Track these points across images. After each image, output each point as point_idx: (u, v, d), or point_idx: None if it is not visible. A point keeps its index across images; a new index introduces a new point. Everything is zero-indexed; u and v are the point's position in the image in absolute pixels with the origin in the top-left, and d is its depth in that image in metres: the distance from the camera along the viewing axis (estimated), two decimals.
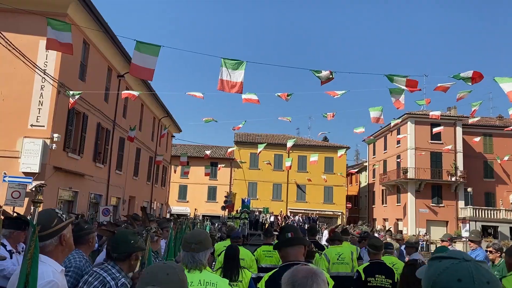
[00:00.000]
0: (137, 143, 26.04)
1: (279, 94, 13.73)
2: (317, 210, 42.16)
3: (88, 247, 3.80)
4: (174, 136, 38.99)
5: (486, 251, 6.33)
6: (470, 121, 19.22)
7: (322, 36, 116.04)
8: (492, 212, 34.54)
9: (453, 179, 36.59)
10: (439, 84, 12.30)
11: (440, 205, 36.92)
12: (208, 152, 31.14)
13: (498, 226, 33.46)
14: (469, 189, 35.92)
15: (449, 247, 8.81)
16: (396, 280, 4.85)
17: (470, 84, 11.86)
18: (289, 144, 23.81)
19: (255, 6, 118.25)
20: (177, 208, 43.03)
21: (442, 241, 8.80)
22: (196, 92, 14.10)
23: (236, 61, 10.73)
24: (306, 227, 20.01)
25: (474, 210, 34.52)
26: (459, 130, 37.16)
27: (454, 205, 36.75)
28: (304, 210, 41.30)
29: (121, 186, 23.73)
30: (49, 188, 15.24)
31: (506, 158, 32.61)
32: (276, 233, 10.84)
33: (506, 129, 23.17)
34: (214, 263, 6.00)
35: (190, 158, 39.89)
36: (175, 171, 38.06)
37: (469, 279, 1.10)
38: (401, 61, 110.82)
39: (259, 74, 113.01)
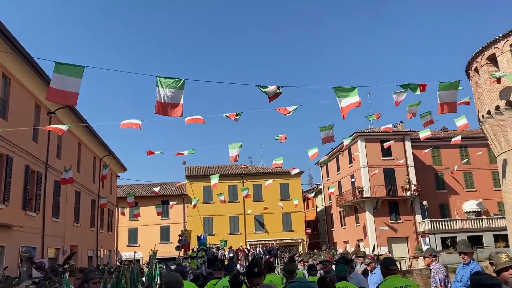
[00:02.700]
0: (76, 185, 23.73)
1: (227, 114, 12.75)
2: (277, 240, 40.68)
3: None
4: (119, 176, 36.47)
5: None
6: (422, 135, 19.12)
7: (266, 53, 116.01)
8: (449, 223, 34.69)
9: (408, 193, 36.64)
10: (394, 99, 12.71)
11: (399, 221, 36.68)
12: (157, 189, 29.20)
13: (456, 237, 33.47)
14: (424, 203, 36.07)
15: (432, 263, 7.72)
16: None
17: (419, 93, 11.46)
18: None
19: (192, 26, 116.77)
20: (127, 254, 39.83)
21: (424, 257, 7.72)
22: (133, 120, 12.63)
23: (173, 79, 9.51)
24: (266, 258, 18.72)
25: (432, 223, 34.52)
26: (408, 144, 37.55)
27: (412, 220, 36.62)
28: (264, 240, 39.71)
29: (59, 235, 21.20)
30: None
31: (456, 169, 33.24)
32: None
33: (452, 141, 23.57)
34: None
35: (138, 198, 37.45)
36: (123, 214, 35.21)
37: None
38: (350, 73, 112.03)
39: (205, 100, 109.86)
